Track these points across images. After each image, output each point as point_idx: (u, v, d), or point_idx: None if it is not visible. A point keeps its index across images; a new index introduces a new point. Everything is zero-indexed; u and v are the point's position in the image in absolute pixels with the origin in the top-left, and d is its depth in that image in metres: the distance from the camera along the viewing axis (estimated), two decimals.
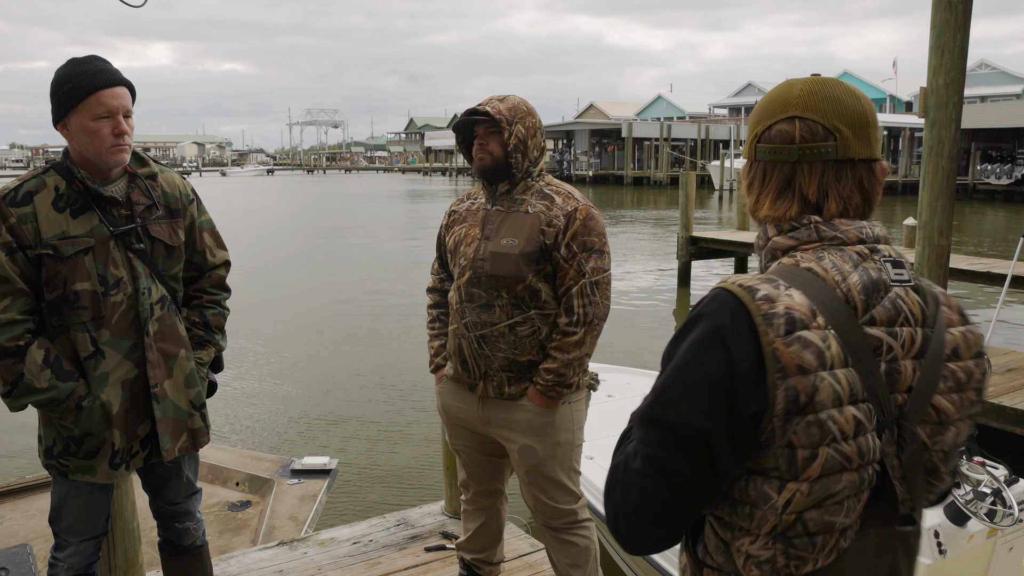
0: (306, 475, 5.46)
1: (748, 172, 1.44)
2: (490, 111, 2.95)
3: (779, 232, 1.35)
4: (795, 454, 1.22)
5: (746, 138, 1.44)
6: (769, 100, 1.40)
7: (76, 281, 2.58)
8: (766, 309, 1.21)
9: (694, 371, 1.22)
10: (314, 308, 15.79)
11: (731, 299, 1.23)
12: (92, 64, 2.56)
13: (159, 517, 3.03)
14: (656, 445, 1.25)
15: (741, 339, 1.20)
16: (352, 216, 39.05)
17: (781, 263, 1.31)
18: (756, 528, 1.28)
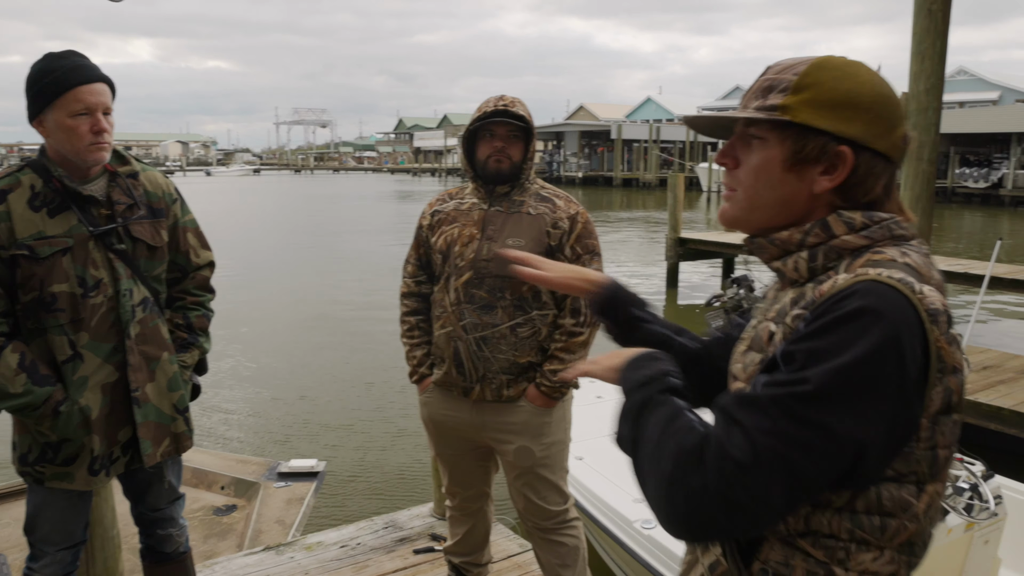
0: (293, 478, 5.40)
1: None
2: (524, 116, 2.92)
3: (851, 229, 1.25)
4: (937, 455, 1.18)
5: (876, 133, 1.27)
6: (892, 98, 1.29)
7: (53, 283, 2.51)
8: (928, 305, 1.14)
9: (867, 375, 1.10)
10: (300, 310, 15.71)
11: (896, 295, 1.13)
12: (70, 59, 2.49)
13: (141, 524, 2.96)
14: (794, 444, 1.11)
15: (912, 339, 1.12)
16: (340, 217, 38.95)
17: (871, 260, 1.21)
18: (887, 540, 1.20)
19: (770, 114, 1.27)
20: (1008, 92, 58.34)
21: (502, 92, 3.05)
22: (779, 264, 1.32)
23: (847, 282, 1.16)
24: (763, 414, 1.12)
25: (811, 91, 1.25)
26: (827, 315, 1.13)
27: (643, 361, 1.38)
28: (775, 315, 1.29)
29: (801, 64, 1.29)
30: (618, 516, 4.37)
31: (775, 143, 1.28)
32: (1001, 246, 6.44)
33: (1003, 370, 8.17)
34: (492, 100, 2.96)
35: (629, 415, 1.30)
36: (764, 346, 1.28)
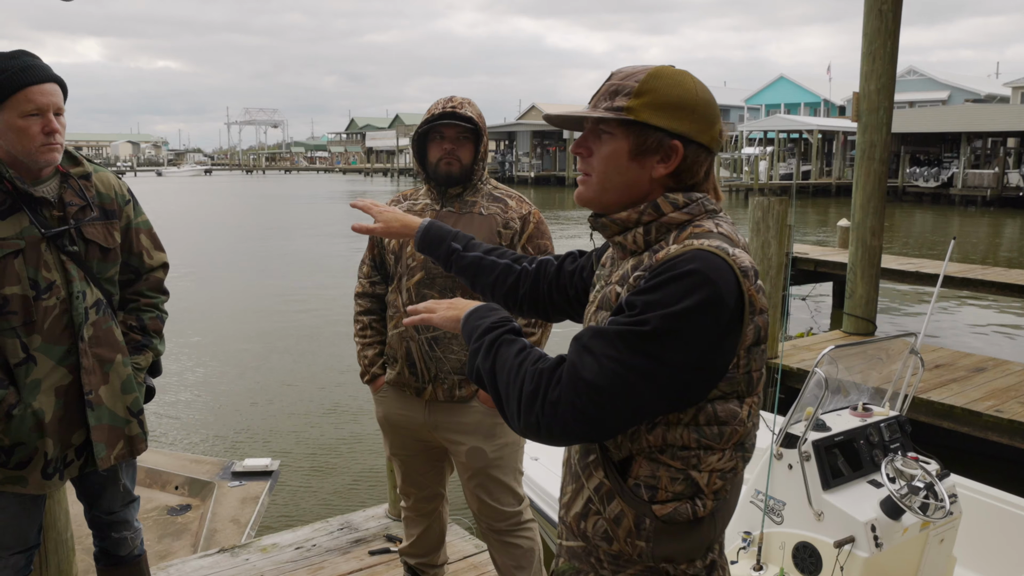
0: (247, 477, 5.38)
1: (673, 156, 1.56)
2: (473, 117, 2.92)
3: (675, 208, 1.55)
4: (751, 376, 1.52)
5: (700, 129, 1.56)
6: (711, 100, 1.59)
7: (5, 285, 2.49)
8: (739, 264, 1.44)
9: (693, 320, 1.39)
10: (253, 310, 15.59)
11: (715, 259, 1.42)
12: (20, 59, 2.47)
13: (95, 527, 2.95)
14: (634, 371, 1.39)
15: (728, 291, 1.41)
16: (291, 218, 38.61)
17: (693, 232, 1.51)
18: (725, 443, 1.52)
19: (618, 114, 1.54)
20: (957, 92, 59.58)
21: (453, 92, 3.06)
22: (620, 239, 1.60)
23: (679, 251, 1.45)
24: (610, 345, 1.41)
25: (649, 96, 1.53)
26: (664, 274, 1.41)
27: (485, 311, 1.67)
28: (618, 279, 1.58)
29: (641, 72, 1.56)
30: None
31: (621, 137, 1.56)
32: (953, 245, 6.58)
33: (955, 368, 8.25)
34: (441, 102, 2.97)
35: (485, 350, 1.57)
36: (612, 305, 1.56)
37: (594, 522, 1.60)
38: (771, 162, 51.15)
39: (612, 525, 1.57)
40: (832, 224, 25.34)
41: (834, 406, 3.83)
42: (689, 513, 1.53)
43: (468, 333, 1.65)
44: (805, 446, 3.46)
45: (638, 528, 1.55)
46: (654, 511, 1.53)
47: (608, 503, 1.57)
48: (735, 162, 54.27)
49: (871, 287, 9.53)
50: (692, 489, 1.53)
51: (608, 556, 1.61)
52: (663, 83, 1.54)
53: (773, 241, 8.36)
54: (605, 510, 1.58)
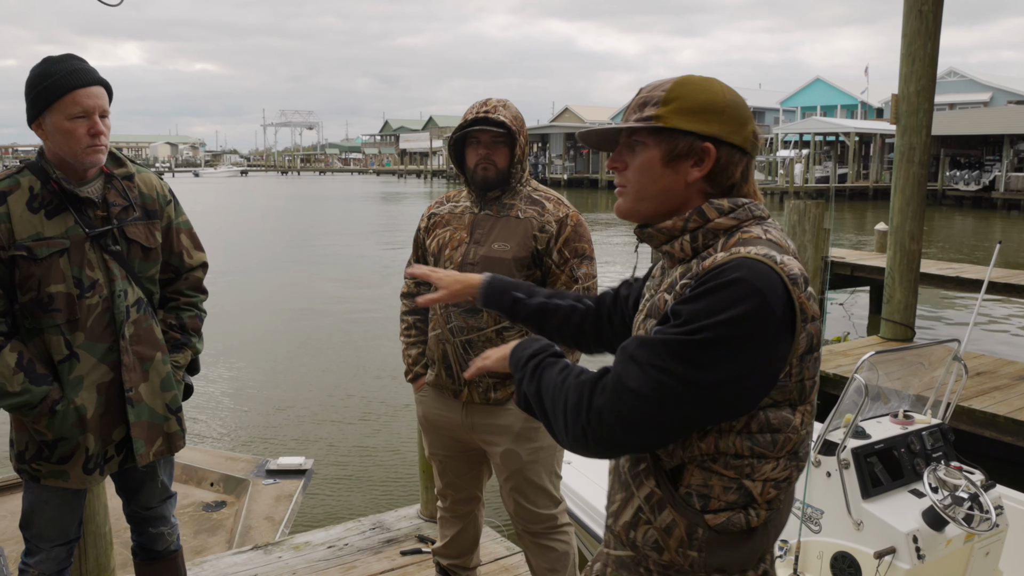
0: (281, 475, 5.42)
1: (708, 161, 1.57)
2: (505, 122, 2.90)
3: (721, 213, 1.55)
4: (804, 384, 1.50)
5: (731, 130, 1.57)
6: (740, 102, 1.60)
7: (50, 283, 2.54)
8: (788, 271, 1.43)
9: (741, 331, 1.39)
10: (289, 310, 15.71)
11: (763, 267, 1.42)
12: (68, 63, 2.52)
13: (133, 522, 2.99)
14: (679, 380, 1.39)
15: (777, 299, 1.41)
16: (326, 218, 38.87)
17: (741, 238, 1.50)
18: (779, 451, 1.50)
19: (647, 123, 1.57)
20: (999, 93, 58.53)
21: (487, 94, 3.07)
22: (667, 247, 1.60)
23: (724, 259, 1.45)
24: (655, 353, 1.41)
25: (677, 102, 1.56)
26: (709, 283, 1.41)
27: (528, 343, 1.71)
28: (667, 287, 1.58)
29: (668, 83, 1.59)
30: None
31: (653, 145, 1.57)
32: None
33: (998, 376, 8.08)
34: (476, 106, 2.97)
35: (529, 375, 1.62)
36: (660, 312, 1.57)
37: (644, 531, 1.59)
38: (807, 165, 50.65)
39: (663, 535, 1.56)
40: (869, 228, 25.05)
41: (874, 413, 3.77)
42: (743, 523, 1.52)
43: (513, 366, 1.69)
44: (844, 453, 3.40)
45: (690, 538, 1.54)
46: (706, 520, 1.52)
47: (659, 512, 1.56)
48: (770, 165, 53.73)
49: (910, 292, 9.38)
50: (745, 499, 1.52)
51: (658, 566, 1.59)
52: (690, 89, 1.57)
53: (809, 245, 8.30)
54: (656, 519, 1.57)
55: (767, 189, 49.11)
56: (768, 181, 51.02)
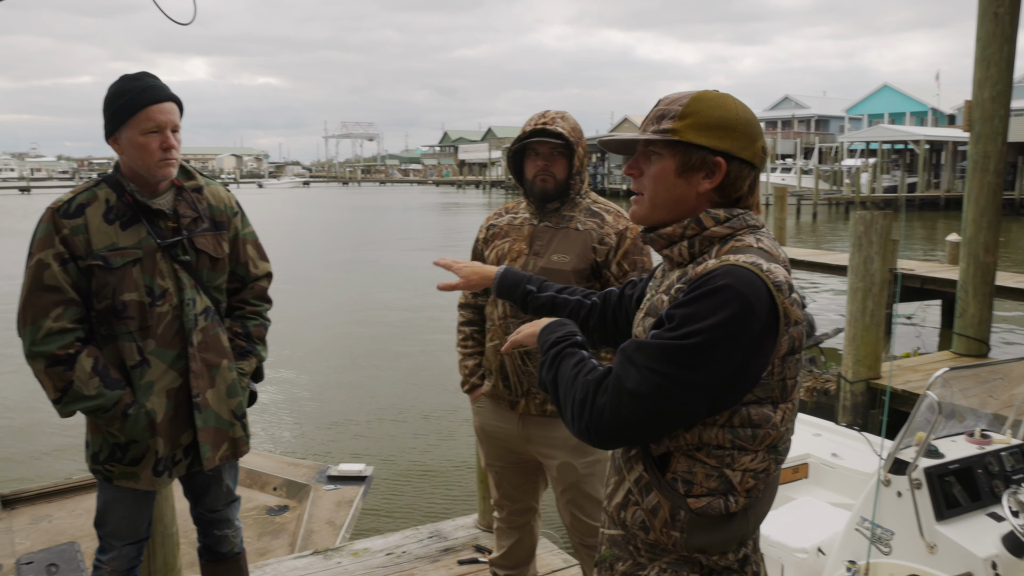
0: (342, 481, 5.50)
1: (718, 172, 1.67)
2: (563, 133, 2.91)
3: (717, 222, 1.67)
4: (786, 383, 1.62)
5: (741, 146, 1.67)
6: (752, 120, 1.70)
7: (124, 292, 2.62)
8: (773, 279, 1.55)
9: (726, 334, 1.50)
10: (349, 319, 15.90)
11: (749, 274, 1.53)
12: (143, 80, 2.62)
13: (199, 524, 3.07)
14: (671, 380, 1.52)
15: (761, 304, 1.52)
16: (386, 228, 39.24)
17: (734, 246, 1.62)
18: (758, 444, 1.62)
19: (664, 135, 1.67)
20: None
21: (545, 105, 3.05)
22: (667, 251, 1.73)
23: (715, 265, 1.57)
24: (651, 357, 1.54)
25: (693, 117, 1.66)
26: (698, 289, 1.54)
27: (554, 326, 1.85)
28: (664, 289, 1.71)
29: (685, 97, 1.69)
30: None
31: (668, 157, 1.68)
32: None
33: None
34: (535, 118, 2.98)
35: (549, 362, 1.76)
36: (657, 312, 1.69)
37: (633, 512, 1.72)
38: (873, 174, 49.65)
39: (649, 515, 1.69)
40: (941, 239, 24.47)
41: (948, 432, 3.64)
42: (722, 508, 1.64)
43: (540, 347, 1.84)
44: (916, 473, 3.30)
45: (673, 519, 1.66)
46: (688, 504, 1.64)
47: (646, 495, 1.69)
48: (835, 174, 52.75)
49: (984, 306, 9.05)
50: (725, 486, 1.64)
51: (645, 545, 1.73)
52: (705, 105, 1.67)
53: (876, 256, 8.09)
54: (643, 501, 1.70)
55: (832, 199, 48.31)
56: (833, 191, 50.15)
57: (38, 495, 5.33)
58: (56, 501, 5.28)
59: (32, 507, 5.21)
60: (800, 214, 44.58)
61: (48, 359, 2.58)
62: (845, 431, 5.42)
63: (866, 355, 8.24)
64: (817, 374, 9.42)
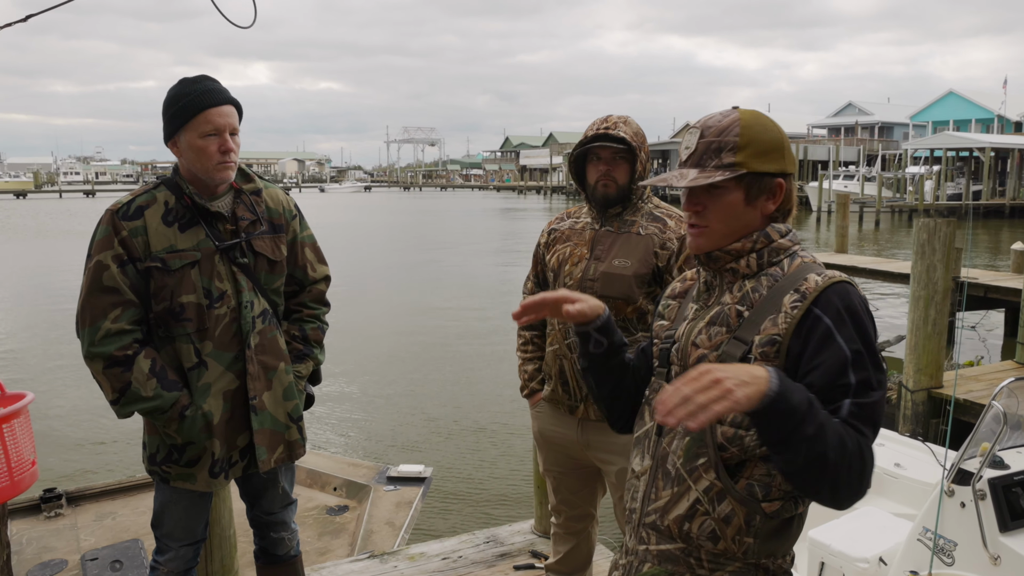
0: (401, 482, 5.52)
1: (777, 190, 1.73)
2: (626, 138, 2.88)
3: (781, 235, 1.72)
4: None
5: (790, 161, 1.73)
6: (785, 134, 1.74)
7: (182, 293, 2.64)
8: (861, 293, 1.64)
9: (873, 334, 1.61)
10: (408, 323, 15.99)
11: (855, 290, 1.63)
12: (202, 84, 2.64)
13: (255, 526, 3.08)
14: (878, 416, 1.57)
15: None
16: (447, 233, 39.46)
17: (804, 261, 1.70)
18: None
19: (733, 171, 1.66)
20: None
21: (606, 110, 3.04)
22: (733, 264, 1.72)
23: (826, 283, 1.62)
24: (871, 418, 1.55)
25: (752, 147, 1.67)
26: (846, 316, 1.58)
27: (789, 383, 1.45)
28: (738, 300, 1.69)
29: (734, 125, 1.68)
30: None
31: (734, 188, 1.69)
32: None
33: None
34: (597, 122, 2.95)
35: (821, 434, 1.45)
36: (731, 321, 1.68)
37: (700, 522, 1.68)
38: (937, 181, 48.62)
39: (721, 524, 1.66)
40: (1006, 248, 23.85)
41: (1014, 443, 3.57)
42: (792, 509, 1.66)
43: (788, 411, 1.42)
44: (980, 483, 3.23)
45: (748, 525, 1.65)
46: (763, 509, 1.64)
47: (718, 503, 1.66)
48: (898, 182, 51.77)
49: None
50: (785, 492, 1.65)
51: (710, 555, 1.69)
52: (758, 131, 1.69)
53: (939, 265, 7.94)
54: (715, 510, 1.66)
55: (895, 206, 47.44)
56: (896, 198, 49.21)
57: (102, 492, 5.45)
58: (120, 499, 5.40)
59: (96, 504, 5.33)
60: (862, 221, 43.91)
61: (106, 360, 2.61)
62: (908, 441, 5.34)
63: (927, 364, 8.12)
64: None
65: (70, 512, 5.20)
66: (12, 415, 2.84)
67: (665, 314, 1.91)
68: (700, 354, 1.71)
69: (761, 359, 1.60)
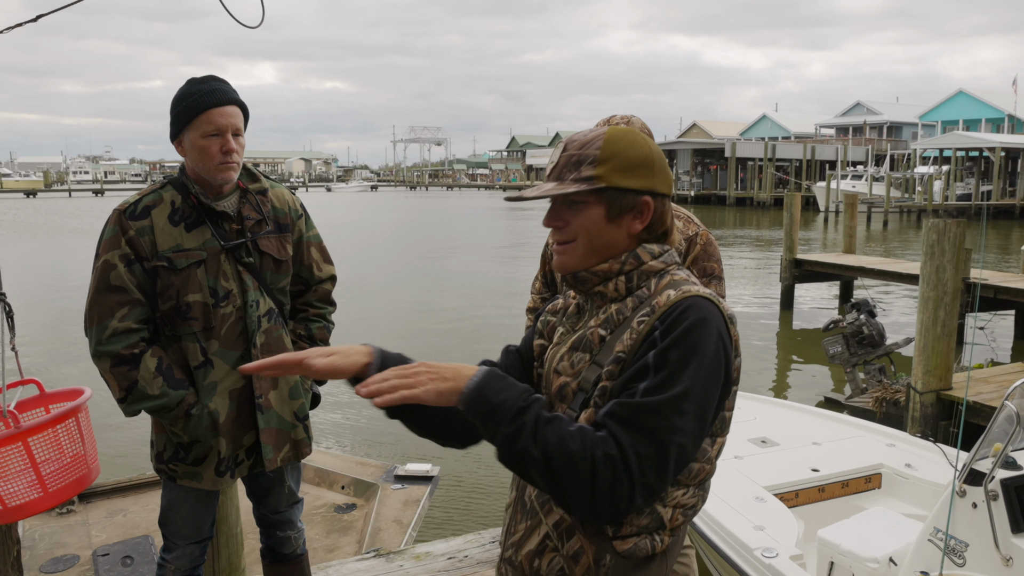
0: (409, 481, 5.54)
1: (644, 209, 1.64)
2: None
3: (653, 257, 1.64)
4: (725, 416, 1.60)
5: (661, 181, 1.65)
6: (661, 152, 1.67)
7: (188, 293, 2.66)
8: (726, 310, 1.56)
9: (713, 367, 1.49)
10: (414, 323, 15.99)
11: (712, 305, 1.53)
12: (207, 84, 2.65)
13: (262, 525, 3.09)
14: (683, 432, 1.45)
15: (724, 334, 1.53)
16: (453, 232, 39.47)
17: (673, 280, 1.60)
18: (692, 480, 1.58)
19: (591, 184, 1.60)
20: None
21: (612, 110, 3.04)
22: (601, 288, 1.65)
23: (677, 297, 1.54)
24: (659, 416, 1.44)
25: (613, 160, 1.60)
26: (677, 326, 1.49)
27: (496, 382, 1.50)
28: (601, 323, 1.62)
29: (597, 139, 1.62)
30: (737, 543, 4.18)
31: (595, 204, 1.62)
32: None
33: None
34: (600, 123, 2.95)
35: (531, 435, 1.44)
36: (594, 346, 1.61)
37: (550, 559, 1.61)
38: (946, 182, 48.43)
39: (569, 562, 1.59)
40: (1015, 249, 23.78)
41: None
42: (648, 548, 1.57)
43: (487, 411, 1.47)
44: (992, 484, 3.22)
45: (597, 564, 1.57)
46: (615, 547, 1.56)
47: (567, 539, 1.59)
48: (907, 182, 51.57)
49: None
50: (656, 523, 1.57)
51: None
52: (622, 145, 1.61)
53: (948, 265, 7.91)
54: (563, 547, 1.59)
55: (904, 207, 47.27)
56: (905, 199, 49.03)
57: (114, 489, 5.49)
58: (131, 496, 5.45)
59: (107, 501, 5.37)
60: (871, 222, 43.80)
61: (113, 359, 2.62)
62: (920, 442, 5.33)
63: (936, 365, 8.08)
64: (887, 384, 9.25)
65: (82, 509, 5.24)
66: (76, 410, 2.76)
67: (544, 332, 1.80)
68: (562, 382, 1.63)
69: (606, 378, 1.54)
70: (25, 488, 2.57)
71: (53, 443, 2.66)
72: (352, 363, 1.65)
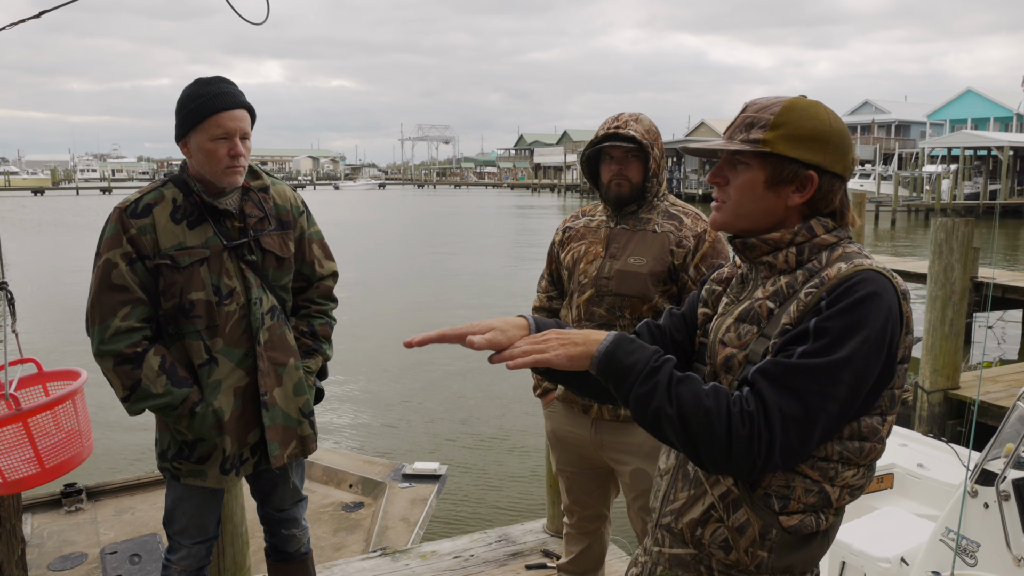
0: (416, 479, 5.54)
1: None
2: (636, 136, 2.86)
3: (826, 230, 1.60)
4: (894, 394, 1.55)
5: (834, 159, 1.60)
6: (845, 131, 1.62)
7: (191, 291, 2.64)
8: (900, 286, 1.52)
9: (877, 341, 1.46)
10: (420, 321, 15.99)
11: (885, 280, 1.49)
12: (215, 86, 2.62)
13: (266, 523, 3.08)
14: (832, 399, 1.44)
15: (896, 310, 1.49)
16: (461, 231, 39.47)
17: (845, 253, 1.57)
18: (863, 459, 1.55)
19: (754, 146, 1.59)
20: None
21: (619, 108, 3.00)
22: (770, 258, 1.63)
23: (849, 270, 1.51)
24: (811, 379, 1.43)
25: (785, 128, 1.58)
26: (845, 299, 1.46)
27: (627, 345, 1.54)
28: (770, 295, 1.60)
29: (776, 104, 1.60)
30: None
31: (758, 168, 1.60)
32: None
33: None
34: (608, 121, 2.94)
35: (665, 394, 1.47)
36: (762, 319, 1.58)
37: (714, 529, 1.61)
38: (955, 181, 48.25)
39: (735, 533, 1.59)
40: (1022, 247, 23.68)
41: None
42: (813, 525, 1.56)
43: (620, 373, 1.51)
44: (1004, 484, 3.21)
45: (763, 538, 1.57)
46: (781, 522, 1.56)
47: (734, 511, 1.59)
48: (915, 181, 51.38)
49: None
50: (823, 502, 1.56)
51: (721, 565, 1.62)
52: (797, 115, 1.59)
53: (957, 264, 7.89)
54: (729, 518, 1.59)
55: (912, 206, 47.14)
56: (913, 198, 48.89)
57: (121, 488, 5.52)
58: (139, 494, 5.47)
59: (115, 499, 5.40)
60: (879, 220, 43.68)
61: (116, 358, 2.61)
62: (932, 442, 5.31)
63: (944, 365, 8.07)
64: None
65: (90, 507, 5.26)
66: (73, 393, 2.81)
67: (709, 300, 1.78)
68: (728, 353, 1.62)
69: (771, 351, 1.52)
70: (23, 464, 2.67)
71: (51, 423, 2.78)
72: (510, 339, 1.64)
